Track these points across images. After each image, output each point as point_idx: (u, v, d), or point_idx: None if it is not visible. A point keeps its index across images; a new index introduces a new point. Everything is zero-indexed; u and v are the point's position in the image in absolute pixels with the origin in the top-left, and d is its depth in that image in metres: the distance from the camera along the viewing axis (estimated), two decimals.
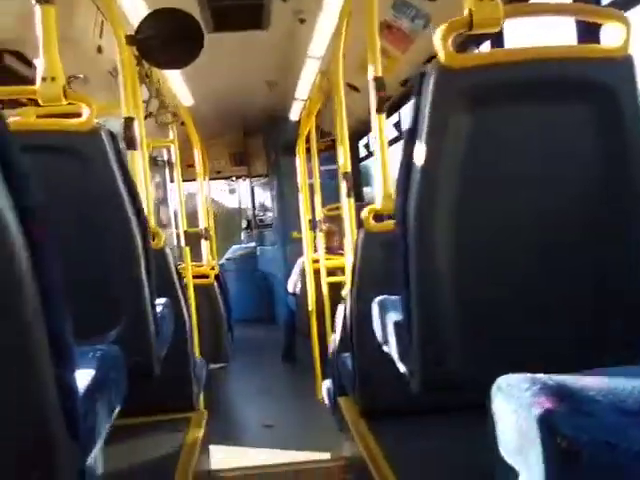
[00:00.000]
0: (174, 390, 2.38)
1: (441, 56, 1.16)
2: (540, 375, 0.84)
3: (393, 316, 1.39)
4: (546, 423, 0.73)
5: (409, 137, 1.18)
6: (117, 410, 1.18)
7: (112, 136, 1.48)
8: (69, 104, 1.51)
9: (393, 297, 1.54)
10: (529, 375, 0.85)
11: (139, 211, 1.54)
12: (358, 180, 5.42)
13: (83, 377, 1.01)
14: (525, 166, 1.17)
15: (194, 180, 4.40)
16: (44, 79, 1.43)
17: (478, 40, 2.63)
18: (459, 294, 1.14)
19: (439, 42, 1.17)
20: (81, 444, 0.88)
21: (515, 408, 0.81)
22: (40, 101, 1.44)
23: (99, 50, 2.89)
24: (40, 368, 0.80)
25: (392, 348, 1.41)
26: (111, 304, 1.48)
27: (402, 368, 1.31)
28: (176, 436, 2.12)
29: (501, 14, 1.17)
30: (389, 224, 2.11)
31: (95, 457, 0.97)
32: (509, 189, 1.17)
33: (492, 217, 1.16)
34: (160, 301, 1.75)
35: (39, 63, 1.44)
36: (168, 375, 1.68)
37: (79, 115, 1.58)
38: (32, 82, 1.60)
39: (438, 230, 1.14)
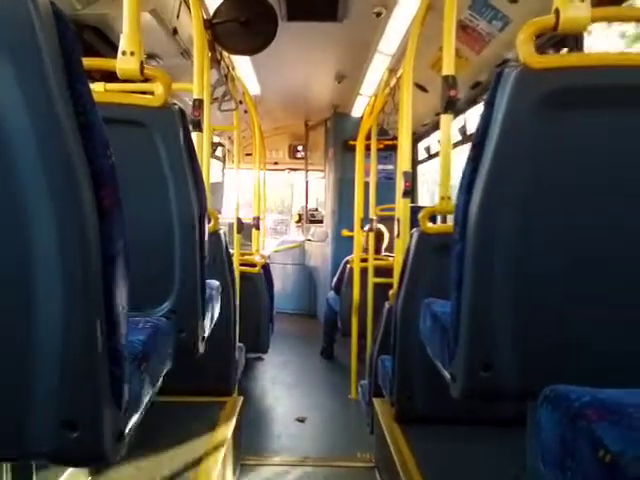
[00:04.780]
0: (213, 372, 2.41)
1: (522, 55, 1.12)
2: (589, 388, 0.83)
3: (441, 318, 1.36)
4: (590, 436, 0.72)
5: (479, 136, 1.14)
6: (160, 382, 1.19)
7: (183, 114, 1.50)
8: (144, 80, 1.54)
9: (442, 300, 1.49)
10: (577, 387, 0.84)
11: (199, 191, 1.55)
12: (415, 182, 5.35)
13: (132, 346, 1.03)
14: (604, 176, 1.10)
15: (250, 169, 4.44)
16: (124, 53, 1.46)
17: (556, 47, 2.54)
18: (515, 300, 1.10)
19: (521, 41, 1.13)
20: (123, 410, 0.89)
21: (560, 418, 0.81)
22: (118, 74, 1.47)
23: (174, 32, 2.95)
24: (93, 333, 0.81)
25: (436, 351, 1.37)
26: (163, 279, 1.50)
27: (444, 373, 1.27)
28: (210, 418, 2.15)
29: (589, 15, 1.12)
30: (444, 226, 2.06)
31: (133, 425, 0.98)
32: (582, 199, 1.10)
33: (561, 226, 1.11)
34: (210, 282, 1.77)
35: (121, 38, 1.48)
36: (209, 357, 1.70)
37: (145, 94, 1.61)
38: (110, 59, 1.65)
39: (500, 233, 1.10)
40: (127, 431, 0.93)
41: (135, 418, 1.00)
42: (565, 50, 2.47)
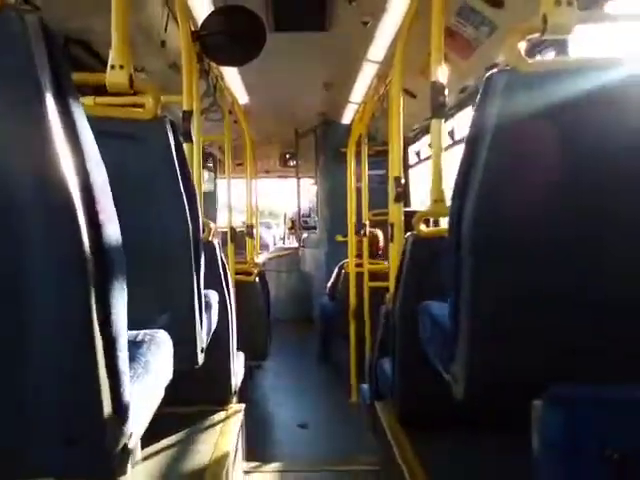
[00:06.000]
0: (213, 382, 2.41)
1: (509, 60, 1.14)
2: (591, 386, 0.85)
3: (439, 320, 1.37)
4: (595, 433, 0.74)
5: (471, 140, 1.15)
6: (162, 394, 1.19)
7: (173, 126, 1.51)
8: (134, 93, 1.55)
9: (439, 303, 1.50)
10: (580, 385, 0.86)
11: (193, 202, 1.56)
12: (407, 186, 5.38)
13: (132, 360, 1.03)
14: (601, 177, 1.11)
15: (242, 178, 4.46)
16: (113, 67, 1.47)
17: (541, 50, 2.57)
18: (513, 299, 1.11)
19: (509, 45, 1.15)
20: (126, 423, 0.90)
21: (564, 417, 0.83)
22: (108, 88, 1.48)
23: (162, 44, 2.96)
24: (92, 348, 0.81)
25: (436, 353, 1.38)
26: (160, 290, 1.51)
27: (445, 374, 1.28)
28: (212, 427, 2.15)
29: (575, 19, 1.14)
30: (438, 230, 2.08)
31: (137, 440, 0.98)
32: (577, 201, 1.12)
33: (554, 228, 1.12)
34: (207, 293, 1.77)
35: (110, 52, 1.48)
36: (208, 367, 1.70)
37: (134, 106, 1.62)
38: (97, 72, 1.65)
39: (494, 235, 1.11)
40: (131, 444, 0.94)
41: (138, 431, 1.00)
42: (553, 54, 2.50)
